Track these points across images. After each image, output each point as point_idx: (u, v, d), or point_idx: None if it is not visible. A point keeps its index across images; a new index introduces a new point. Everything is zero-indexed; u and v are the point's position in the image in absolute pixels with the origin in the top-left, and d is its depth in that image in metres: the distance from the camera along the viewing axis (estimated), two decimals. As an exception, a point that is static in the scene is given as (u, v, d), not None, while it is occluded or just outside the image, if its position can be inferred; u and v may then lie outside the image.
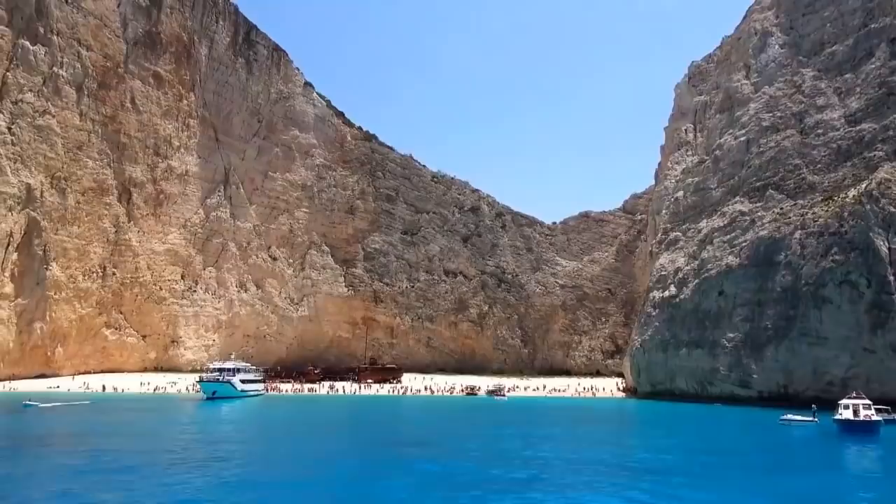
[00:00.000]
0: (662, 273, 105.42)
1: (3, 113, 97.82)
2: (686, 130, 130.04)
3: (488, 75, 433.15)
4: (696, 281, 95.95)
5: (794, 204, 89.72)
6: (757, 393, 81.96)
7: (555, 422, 66.99)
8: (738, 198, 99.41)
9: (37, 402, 65.98)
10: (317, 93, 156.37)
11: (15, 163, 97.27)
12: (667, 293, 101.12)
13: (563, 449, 43.96)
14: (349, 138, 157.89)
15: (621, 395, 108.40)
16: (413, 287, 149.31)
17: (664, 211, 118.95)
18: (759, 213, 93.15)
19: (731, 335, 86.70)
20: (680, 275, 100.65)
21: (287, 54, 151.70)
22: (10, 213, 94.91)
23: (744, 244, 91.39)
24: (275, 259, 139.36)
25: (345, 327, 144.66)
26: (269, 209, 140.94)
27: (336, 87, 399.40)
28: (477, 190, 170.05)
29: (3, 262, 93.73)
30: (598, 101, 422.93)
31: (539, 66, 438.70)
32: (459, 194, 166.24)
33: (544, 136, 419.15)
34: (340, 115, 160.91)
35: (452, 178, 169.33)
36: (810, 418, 61.43)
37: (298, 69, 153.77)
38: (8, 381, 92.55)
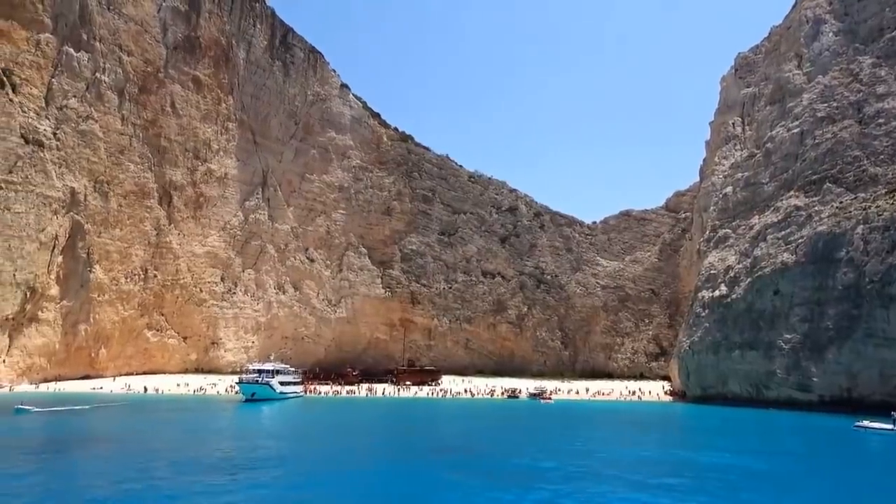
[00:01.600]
0: (712, 272, 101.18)
1: (48, 119, 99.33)
2: (734, 124, 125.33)
3: (525, 74, 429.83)
4: (749, 280, 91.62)
5: (855, 197, 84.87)
6: (818, 397, 77.50)
7: (614, 429, 62.71)
8: (792, 192, 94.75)
9: (31, 406, 61.03)
10: (353, 94, 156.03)
11: (60, 167, 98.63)
12: (717, 293, 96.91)
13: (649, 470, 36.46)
14: (385, 139, 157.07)
15: (668, 398, 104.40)
16: (450, 288, 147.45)
17: (712, 207, 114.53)
18: (816, 208, 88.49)
19: (789, 336, 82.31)
20: (731, 273, 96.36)
21: (323, 56, 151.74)
22: (55, 217, 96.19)
23: (800, 240, 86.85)
24: (312, 261, 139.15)
25: (382, 329, 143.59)
26: (306, 211, 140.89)
27: (372, 88, 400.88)
28: (514, 190, 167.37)
29: (48, 265, 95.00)
30: (638, 96, 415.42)
31: (578, 63, 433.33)
32: (497, 194, 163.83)
33: (583, 134, 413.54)
34: (376, 116, 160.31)
35: (489, 178, 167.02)
36: (890, 426, 56.18)
37: (335, 71, 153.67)
38: (54, 382, 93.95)
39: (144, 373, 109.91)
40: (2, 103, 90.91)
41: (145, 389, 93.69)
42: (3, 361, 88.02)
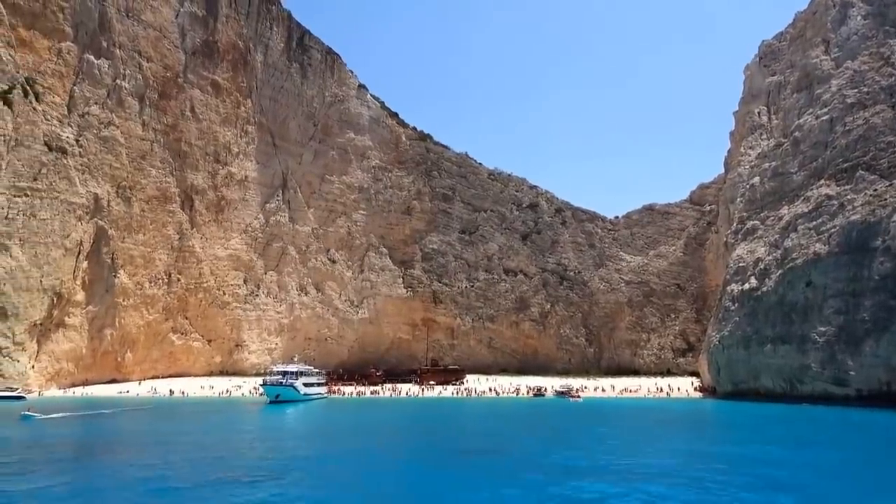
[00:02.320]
0: (740, 264, 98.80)
1: (71, 126, 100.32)
2: (759, 113, 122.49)
3: (543, 68, 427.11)
4: (780, 272, 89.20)
5: (890, 184, 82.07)
6: (855, 391, 75.02)
7: (651, 427, 59.84)
8: (822, 181, 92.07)
9: (37, 413, 58.94)
10: (371, 94, 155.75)
11: (83, 173, 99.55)
12: (747, 286, 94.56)
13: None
14: (404, 139, 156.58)
15: (698, 394, 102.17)
16: (472, 287, 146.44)
17: (739, 199, 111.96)
18: (848, 196, 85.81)
19: (823, 329, 79.88)
20: (761, 266, 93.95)
21: (340, 57, 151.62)
22: (79, 223, 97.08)
23: (833, 230, 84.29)
24: (334, 262, 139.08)
25: (404, 329, 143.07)
26: (326, 212, 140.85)
27: (390, 87, 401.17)
28: (535, 186, 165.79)
29: (74, 271, 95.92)
30: (658, 89, 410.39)
31: (596, 55, 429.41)
32: (517, 191, 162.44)
33: (603, 129, 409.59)
34: (394, 115, 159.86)
35: (509, 175, 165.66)
36: None
37: (352, 71, 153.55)
38: (82, 387, 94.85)
39: (170, 376, 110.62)
40: (25, 112, 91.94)
41: (171, 392, 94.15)
42: (33, 367, 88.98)
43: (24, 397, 79.67)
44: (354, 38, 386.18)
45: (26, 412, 58.67)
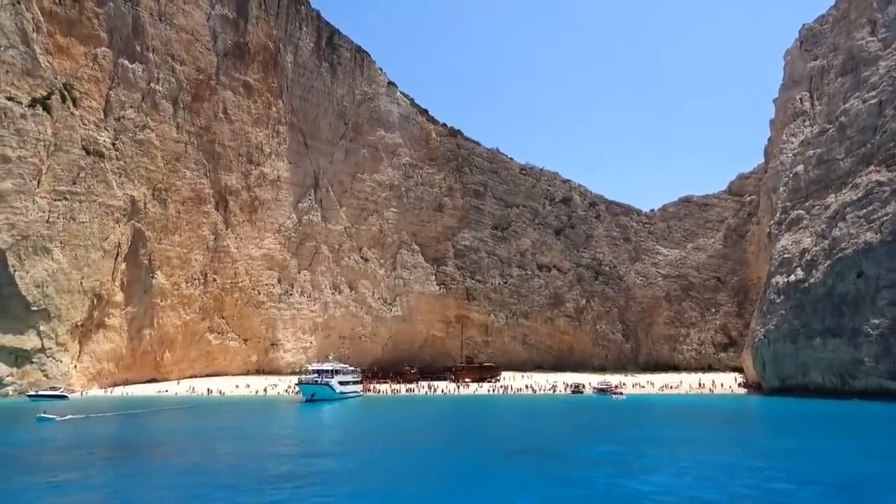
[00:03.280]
0: (785, 256, 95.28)
1: (107, 130, 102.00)
2: (801, 99, 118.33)
3: (572, 59, 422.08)
4: (829, 262, 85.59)
5: (946, 169, 78.00)
6: (913, 386, 71.43)
7: (708, 426, 56.20)
8: (872, 167, 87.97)
9: (54, 416, 56.01)
10: (400, 92, 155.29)
11: (120, 176, 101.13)
12: (793, 277, 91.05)
13: None
14: (434, 135, 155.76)
15: (742, 391, 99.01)
16: (506, 283, 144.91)
17: (782, 188, 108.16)
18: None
19: (876, 321, 76.24)
20: (807, 256, 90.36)
21: (369, 55, 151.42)
22: (117, 225, 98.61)
23: (885, 218, 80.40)
24: (366, 260, 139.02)
25: (438, 326, 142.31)
26: (358, 210, 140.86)
27: (418, 84, 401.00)
28: (568, 180, 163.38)
29: (112, 272, 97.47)
30: (694, 75, 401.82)
31: (627, 44, 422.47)
32: (549, 186, 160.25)
33: (637, 120, 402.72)
34: (424, 112, 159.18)
35: (541, 170, 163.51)
36: None
37: (381, 69, 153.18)
38: (122, 386, 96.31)
39: (208, 375, 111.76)
40: (64, 117, 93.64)
41: (209, 392, 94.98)
42: (75, 367, 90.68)
43: (66, 397, 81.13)
44: (383, 36, 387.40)
45: (43, 414, 56.22)
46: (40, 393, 79.45)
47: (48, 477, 30.16)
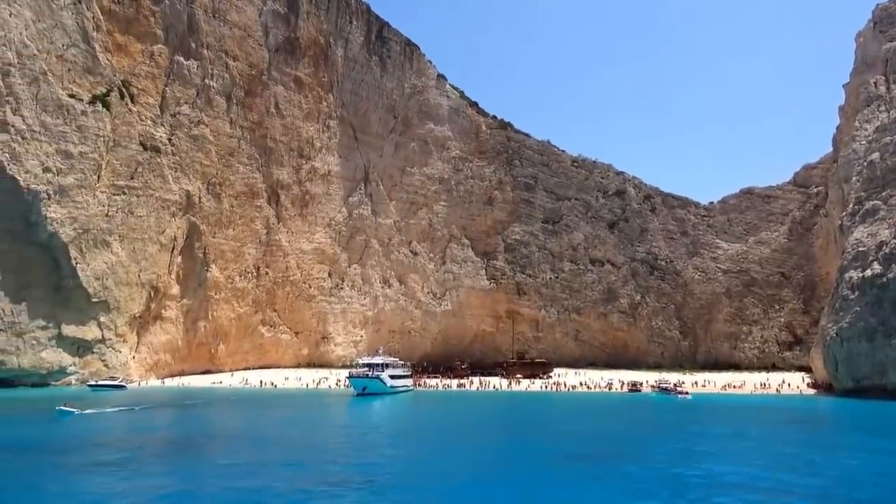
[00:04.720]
0: (860, 249, 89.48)
1: (164, 126, 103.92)
2: (875, 83, 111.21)
3: (626, 48, 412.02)
4: (909, 255, 79.86)
5: None
6: None
7: (798, 430, 51.63)
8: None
9: (74, 409, 53.82)
10: (450, 84, 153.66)
11: (175, 171, 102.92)
12: (869, 272, 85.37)
13: None
14: (484, 128, 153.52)
15: (811, 391, 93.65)
16: (557, 278, 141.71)
17: (855, 178, 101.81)
18: None
19: (965, 319, 70.56)
20: (885, 249, 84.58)
21: (419, 48, 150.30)
22: (173, 219, 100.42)
23: (974, 207, 74.37)
24: (416, 254, 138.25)
25: (488, 321, 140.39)
26: (408, 204, 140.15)
27: (468, 76, 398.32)
28: (622, 172, 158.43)
29: (169, 266, 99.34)
30: (755, 62, 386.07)
31: (686, 28, 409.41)
32: (602, 178, 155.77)
33: (695, 108, 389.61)
34: (474, 105, 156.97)
35: (594, 162, 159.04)
36: None
37: (430, 62, 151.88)
38: (178, 377, 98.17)
39: (260, 367, 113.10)
40: (122, 113, 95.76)
41: (261, 384, 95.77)
42: (133, 358, 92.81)
43: (124, 386, 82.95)
44: (432, 28, 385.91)
45: (62, 407, 54.21)
46: (100, 383, 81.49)
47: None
